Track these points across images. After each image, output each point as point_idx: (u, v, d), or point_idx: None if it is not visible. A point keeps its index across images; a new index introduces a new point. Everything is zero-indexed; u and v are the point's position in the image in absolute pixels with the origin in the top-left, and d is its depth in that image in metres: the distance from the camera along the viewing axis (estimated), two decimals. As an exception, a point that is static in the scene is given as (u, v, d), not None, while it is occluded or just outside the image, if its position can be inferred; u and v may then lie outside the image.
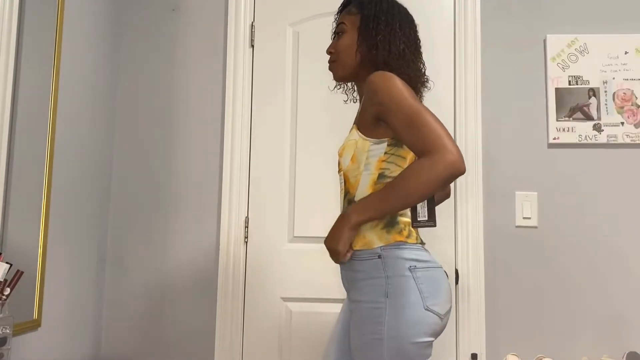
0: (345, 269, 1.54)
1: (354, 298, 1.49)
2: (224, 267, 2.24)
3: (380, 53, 1.52)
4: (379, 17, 1.55)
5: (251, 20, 2.36)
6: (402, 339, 1.39)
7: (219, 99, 2.33)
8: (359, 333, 1.44)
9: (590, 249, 2.18)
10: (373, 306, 1.42)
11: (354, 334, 1.46)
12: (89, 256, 2.17)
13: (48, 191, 1.80)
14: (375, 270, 1.44)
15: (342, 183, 1.56)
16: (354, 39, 1.57)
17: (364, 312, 1.44)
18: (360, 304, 1.45)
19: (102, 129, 2.26)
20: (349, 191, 1.53)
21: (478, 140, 2.24)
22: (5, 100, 1.58)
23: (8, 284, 1.43)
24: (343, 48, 1.59)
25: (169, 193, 2.31)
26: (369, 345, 1.41)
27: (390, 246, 1.45)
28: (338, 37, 1.61)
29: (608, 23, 2.27)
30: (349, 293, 1.54)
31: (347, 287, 1.56)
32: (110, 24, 2.31)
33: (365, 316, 1.43)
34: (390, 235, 1.46)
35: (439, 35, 2.31)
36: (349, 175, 1.53)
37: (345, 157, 1.52)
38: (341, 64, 1.60)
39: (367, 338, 1.42)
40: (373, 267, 1.44)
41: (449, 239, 2.22)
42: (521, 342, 2.14)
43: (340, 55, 1.59)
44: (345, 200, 1.55)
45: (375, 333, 1.40)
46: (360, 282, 1.46)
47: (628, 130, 2.21)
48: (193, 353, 2.23)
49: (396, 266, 1.44)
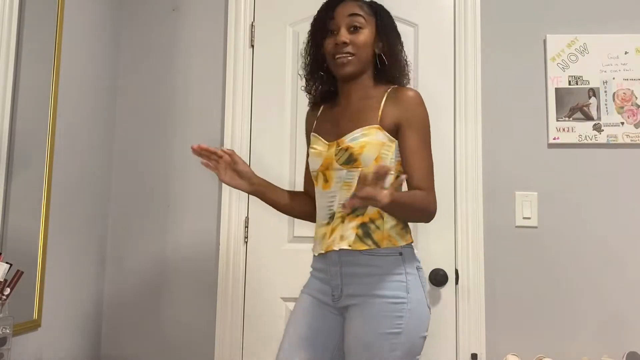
0: (349, 265, 1.55)
1: (361, 292, 1.53)
2: (224, 267, 2.24)
3: (391, 62, 1.62)
4: (393, 27, 1.66)
5: (251, 20, 2.36)
6: (416, 333, 1.51)
7: (219, 99, 2.33)
8: (373, 327, 1.49)
9: (590, 249, 2.18)
10: (395, 301, 1.50)
11: (364, 329, 1.50)
12: (89, 256, 2.17)
13: (48, 191, 1.80)
14: (397, 267, 1.53)
15: (353, 180, 1.54)
16: (372, 38, 1.61)
17: (383, 307, 1.50)
18: (377, 298, 1.50)
19: (102, 129, 2.26)
20: None
21: (478, 140, 2.24)
22: (5, 100, 1.58)
23: (8, 284, 1.43)
24: (363, 45, 1.60)
25: (169, 193, 2.31)
26: (384, 338, 1.48)
27: (407, 246, 1.57)
28: (356, 31, 1.60)
29: (608, 23, 2.27)
30: (348, 288, 1.55)
31: (343, 283, 1.56)
32: (110, 24, 2.31)
33: (386, 310, 1.49)
34: (407, 235, 1.59)
35: (439, 35, 2.31)
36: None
37: (368, 156, 1.53)
38: (359, 60, 1.60)
39: (384, 331, 1.48)
40: (394, 264, 1.54)
41: (449, 239, 2.21)
42: (521, 342, 2.14)
43: (359, 51, 1.59)
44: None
45: (394, 327, 1.48)
46: (377, 277, 1.52)
47: (628, 130, 2.21)
48: (193, 353, 2.23)
49: (412, 264, 1.56)
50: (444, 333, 2.17)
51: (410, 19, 2.31)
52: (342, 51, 1.58)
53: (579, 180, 2.21)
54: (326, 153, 1.60)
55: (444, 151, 2.25)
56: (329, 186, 1.59)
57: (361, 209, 1.53)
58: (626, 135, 2.21)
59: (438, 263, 2.19)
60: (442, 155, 2.24)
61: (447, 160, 2.24)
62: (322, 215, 1.62)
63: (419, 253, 2.21)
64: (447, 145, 2.25)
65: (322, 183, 1.61)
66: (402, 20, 2.31)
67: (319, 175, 1.62)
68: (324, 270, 1.61)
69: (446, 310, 2.18)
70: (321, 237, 1.61)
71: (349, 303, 1.56)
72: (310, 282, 1.68)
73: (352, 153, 1.54)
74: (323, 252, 1.58)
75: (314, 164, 1.64)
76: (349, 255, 1.55)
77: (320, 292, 1.62)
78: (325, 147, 1.62)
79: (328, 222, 1.60)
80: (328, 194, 1.60)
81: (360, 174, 1.35)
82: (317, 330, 1.60)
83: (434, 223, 2.19)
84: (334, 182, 1.58)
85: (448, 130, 2.25)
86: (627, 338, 2.11)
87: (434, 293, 2.19)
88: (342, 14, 1.61)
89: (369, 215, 1.54)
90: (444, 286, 2.18)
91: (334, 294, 1.58)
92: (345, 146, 1.55)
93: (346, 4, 1.62)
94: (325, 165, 1.60)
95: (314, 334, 1.59)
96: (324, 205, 1.62)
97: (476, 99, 2.25)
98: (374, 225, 1.55)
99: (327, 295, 1.60)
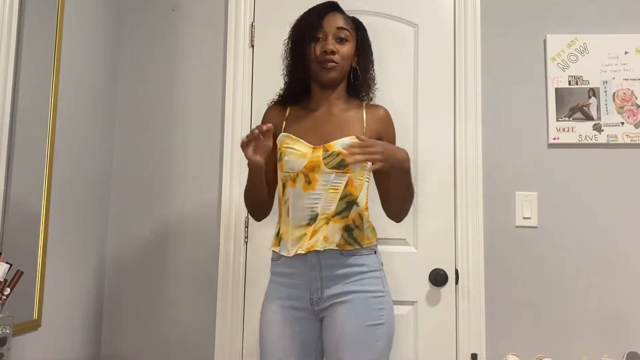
0: (329, 267, 1.64)
1: (345, 290, 1.63)
2: (224, 267, 2.24)
3: (364, 76, 1.77)
4: (369, 44, 1.80)
5: (251, 20, 2.36)
6: (392, 323, 1.67)
7: (219, 99, 2.33)
8: (361, 321, 1.61)
9: (590, 248, 2.18)
10: (377, 295, 1.65)
11: (353, 323, 1.60)
12: (89, 256, 2.17)
13: (48, 191, 1.80)
14: (375, 264, 1.69)
15: (341, 184, 1.65)
16: (353, 52, 1.75)
17: (368, 301, 1.63)
18: (362, 294, 1.63)
19: (102, 129, 2.26)
20: (351, 193, 1.66)
21: (478, 140, 2.24)
22: (5, 100, 1.58)
23: (8, 284, 1.43)
24: (346, 56, 1.73)
25: (169, 193, 2.31)
26: (370, 330, 1.61)
27: (377, 243, 1.74)
28: (342, 43, 1.72)
29: (608, 23, 2.27)
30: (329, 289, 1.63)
31: (324, 285, 1.63)
32: (110, 24, 2.31)
33: (370, 304, 1.63)
34: (376, 235, 1.74)
35: (439, 35, 2.31)
36: (354, 178, 1.67)
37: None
38: (341, 69, 1.73)
39: (370, 323, 1.61)
40: (373, 261, 1.69)
41: (449, 239, 2.21)
42: (521, 342, 2.14)
43: (343, 61, 1.72)
44: (344, 202, 1.64)
45: (377, 319, 1.62)
46: (357, 275, 1.65)
47: (628, 130, 2.21)
48: (193, 353, 2.23)
49: (380, 260, 1.73)
50: (444, 333, 2.17)
51: (410, 19, 2.32)
52: (329, 58, 1.69)
53: (579, 180, 2.21)
54: (311, 155, 1.65)
55: (444, 151, 2.25)
56: (313, 188, 1.65)
57: (345, 212, 1.65)
58: (626, 135, 2.21)
59: (438, 263, 2.19)
60: (442, 156, 2.25)
61: (447, 160, 2.24)
62: (301, 216, 1.66)
63: (419, 253, 2.24)
64: (447, 145, 2.25)
65: (302, 184, 1.65)
66: (402, 20, 2.33)
67: (299, 176, 1.66)
68: (295, 274, 1.66)
69: (446, 310, 2.18)
70: (298, 238, 1.65)
71: (331, 302, 1.63)
72: (276, 290, 1.71)
73: (344, 159, 1.61)
74: (304, 252, 1.63)
75: (295, 165, 1.67)
76: (330, 257, 1.64)
77: (291, 298, 1.67)
78: (308, 149, 1.67)
79: (308, 223, 1.64)
80: (310, 195, 1.65)
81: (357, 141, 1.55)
82: (301, 342, 1.66)
83: (434, 223, 2.22)
84: (319, 184, 1.64)
85: (448, 130, 2.25)
86: (627, 338, 2.11)
87: (434, 293, 2.19)
88: (330, 25, 1.72)
89: (352, 217, 1.66)
90: (444, 286, 2.18)
91: (313, 297, 1.65)
92: (336, 151, 1.63)
93: (334, 16, 1.73)
94: (310, 167, 1.65)
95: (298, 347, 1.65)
96: (303, 206, 1.65)
97: (476, 99, 2.25)
98: (355, 226, 1.66)
99: (302, 299, 1.66)
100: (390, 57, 2.30)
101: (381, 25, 2.31)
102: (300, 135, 1.70)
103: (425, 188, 2.22)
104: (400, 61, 2.30)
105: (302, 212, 1.65)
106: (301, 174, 1.66)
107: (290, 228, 1.67)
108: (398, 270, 2.19)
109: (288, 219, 1.68)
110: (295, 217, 1.66)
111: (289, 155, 1.68)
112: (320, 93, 1.76)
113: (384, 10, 2.33)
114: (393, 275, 2.19)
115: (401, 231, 2.22)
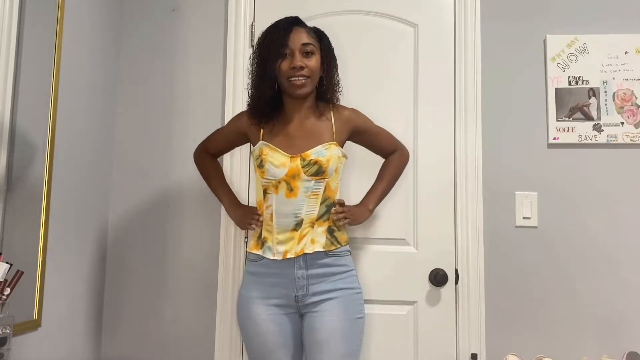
0: (316, 266, 1.79)
1: (330, 288, 1.78)
2: (224, 267, 2.24)
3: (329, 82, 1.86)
4: (332, 50, 1.88)
5: (251, 20, 2.36)
6: (364, 316, 1.84)
7: (219, 99, 2.33)
8: (345, 316, 1.77)
9: (590, 249, 2.18)
10: (357, 291, 1.83)
11: (342, 317, 1.76)
12: (89, 256, 2.17)
13: (48, 191, 1.80)
14: (351, 264, 1.87)
15: (320, 189, 1.80)
16: (320, 63, 1.84)
17: (352, 297, 1.81)
18: (346, 290, 1.80)
19: (102, 129, 2.26)
20: (329, 197, 1.84)
21: (478, 140, 2.24)
22: (5, 100, 1.58)
23: (8, 284, 1.43)
24: (315, 69, 1.83)
25: (169, 193, 2.31)
26: (356, 323, 1.79)
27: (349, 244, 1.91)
28: (308, 57, 1.81)
29: (608, 23, 2.27)
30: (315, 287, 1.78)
31: (309, 283, 1.78)
32: (110, 24, 2.31)
33: (354, 300, 1.81)
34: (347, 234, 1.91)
35: (439, 35, 2.30)
36: (331, 183, 1.83)
37: (332, 168, 1.80)
38: (313, 82, 1.84)
39: (355, 317, 1.79)
40: (350, 262, 1.87)
41: (449, 239, 2.21)
42: (521, 342, 2.14)
43: (313, 74, 1.83)
44: (324, 205, 1.82)
45: (359, 313, 1.81)
46: (341, 274, 1.82)
47: (628, 130, 2.21)
48: (193, 353, 2.23)
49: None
50: (444, 333, 2.17)
51: (410, 19, 2.32)
52: (298, 74, 1.79)
53: (579, 180, 2.21)
54: (290, 164, 1.78)
55: (444, 151, 2.25)
56: (295, 195, 1.79)
57: (326, 214, 1.82)
58: (626, 135, 2.21)
59: (438, 263, 2.20)
60: (442, 155, 2.25)
61: (447, 161, 2.24)
62: (286, 222, 1.80)
63: (419, 253, 2.24)
64: (447, 145, 2.25)
65: (285, 191, 1.79)
66: (402, 20, 2.33)
67: (281, 183, 1.79)
68: (278, 274, 1.80)
69: (446, 311, 2.18)
70: (283, 241, 1.80)
71: (316, 300, 1.78)
72: (256, 289, 1.82)
73: (320, 166, 1.77)
74: (293, 256, 1.77)
75: (276, 172, 1.79)
76: (316, 257, 1.79)
77: (275, 296, 1.80)
78: (286, 159, 1.79)
79: (294, 228, 1.79)
80: (293, 202, 1.79)
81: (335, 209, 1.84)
82: (289, 335, 1.81)
83: (434, 223, 2.22)
84: (300, 191, 1.78)
85: (448, 131, 2.25)
86: (627, 338, 2.11)
87: (434, 293, 2.19)
88: (295, 41, 1.80)
89: (331, 219, 1.84)
90: (444, 286, 2.18)
91: (298, 294, 1.79)
92: (313, 159, 1.77)
93: (298, 32, 1.81)
94: (291, 174, 1.78)
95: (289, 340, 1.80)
96: (288, 212, 1.80)
97: (476, 99, 2.25)
98: (335, 227, 1.85)
99: (287, 297, 1.79)
100: (390, 57, 2.30)
101: (381, 25, 2.32)
102: (277, 145, 1.82)
103: (425, 188, 2.23)
104: (400, 61, 2.31)
105: (287, 218, 1.80)
106: (283, 181, 1.79)
107: (275, 232, 1.81)
108: (398, 270, 2.20)
109: (272, 224, 1.81)
110: (280, 222, 1.80)
111: (269, 164, 1.79)
112: (293, 105, 1.86)
113: (384, 10, 2.33)
114: (393, 275, 2.20)
115: (401, 231, 2.22)
